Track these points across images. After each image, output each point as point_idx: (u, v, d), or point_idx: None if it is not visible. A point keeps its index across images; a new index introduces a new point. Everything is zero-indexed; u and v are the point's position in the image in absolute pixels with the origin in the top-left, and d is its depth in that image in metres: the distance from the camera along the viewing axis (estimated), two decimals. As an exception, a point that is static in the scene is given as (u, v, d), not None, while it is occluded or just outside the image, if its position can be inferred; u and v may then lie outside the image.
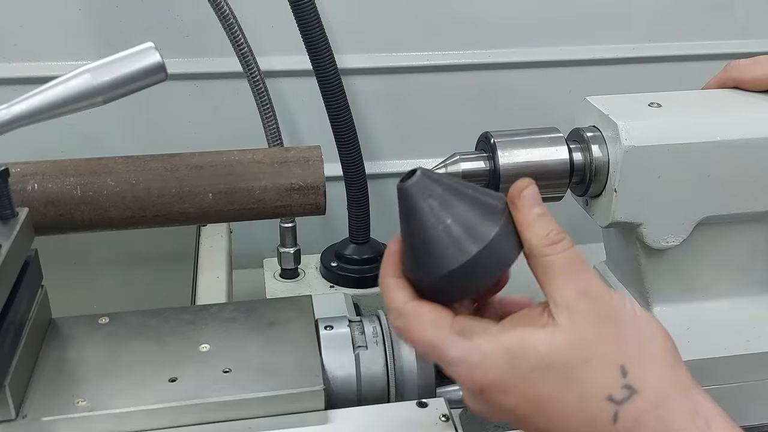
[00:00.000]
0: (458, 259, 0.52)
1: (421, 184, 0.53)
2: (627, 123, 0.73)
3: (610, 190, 0.75)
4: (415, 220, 0.54)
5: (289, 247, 1.18)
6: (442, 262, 0.52)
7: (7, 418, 0.58)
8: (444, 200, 0.53)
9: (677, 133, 0.74)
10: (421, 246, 0.54)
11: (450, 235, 0.53)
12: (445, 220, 0.53)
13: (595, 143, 0.76)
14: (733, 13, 1.33)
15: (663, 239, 0.77)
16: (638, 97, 0.79)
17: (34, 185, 0.69)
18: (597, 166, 0.75)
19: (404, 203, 0.54)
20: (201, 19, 1.12)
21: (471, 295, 0.57)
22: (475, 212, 0.53)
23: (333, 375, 0.67)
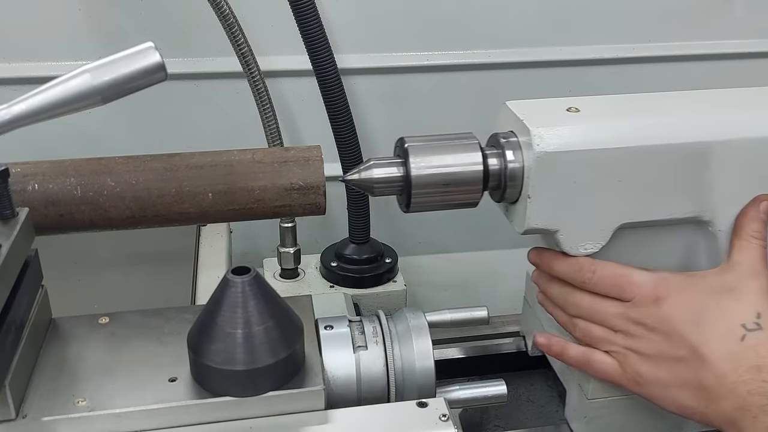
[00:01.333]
0: (242, 365, 0.60)
1: (245, 287, 0.60)
2: (540, 129, 0.71)
3: (524, 196, 0.73)
4: (228, 312, 0.60)
5: (289, 247, 1.18)
6: (231, 359, 0.60)
7: (7, 418, 0.58)
8: (258, 309, 0.61)
9: (592, 138, 0.72)
10: (218, 335, 0.60)
11: (248, 341, 0.60)
12: (251, 327, 0.60)
13: (510, 149, 0.74)
14: (732, 13, 1.33)
15: (581, 246, 0.76)
16: (558, 101, 0.77)
17: (34, 185, 0.69)
18: (511, 172, 0.74)
19: (225, 294, 0.60)
20: (201, 19, 1.12)
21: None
22: (275, 331, 0.61)
23: (333, 375, 0.67)
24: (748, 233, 0.74)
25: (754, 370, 0.67)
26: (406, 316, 0.73)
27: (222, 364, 0.59)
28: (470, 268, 1.43)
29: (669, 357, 0.72)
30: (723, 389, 0.68)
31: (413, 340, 0.70)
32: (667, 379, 0.72)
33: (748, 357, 0.68)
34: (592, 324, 0.77)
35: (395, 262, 1.22)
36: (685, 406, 0.72)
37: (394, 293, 1.19)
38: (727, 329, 0.70)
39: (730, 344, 0.69)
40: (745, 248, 0.74)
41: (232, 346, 0.59)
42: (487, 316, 0.79)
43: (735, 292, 0.72)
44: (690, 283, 0.74)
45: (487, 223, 1.43)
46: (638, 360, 0.74)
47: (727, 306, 0.71)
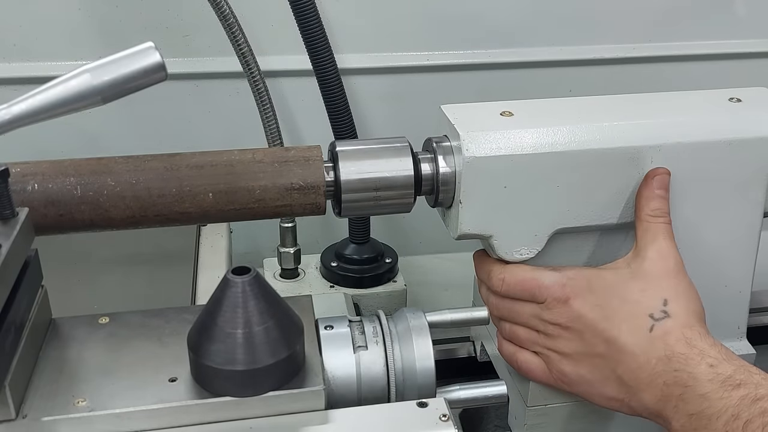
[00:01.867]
0: (241, 365, 0.59)
1: (246, 287, 0.60)
2: (469, 133, 0.71)
3: (456, 201, 0.73)
4: (229, 312, 0.60)
5: (289, 247, 1.18)
6: (231, 359, 0.59)
7: (7, 418, 0.58)
8: (258, 309, 0.60)
9: (522, 143, 0.72)
10: (219, 335, 0.60)
11: (248, 341, 0.60)
12: (251, 327, 0.60)
13: (442, 153, 0.74)
14: (733, 13, 1.33)
15: (516, 251, 0.76)
16: (493, 105, 0.77)
17: (34, 185, 0.69)
18: (443, 177, 0.74)
19: (225, 294, 0.60)
20: (201, 19, 1.12)
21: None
22: (276, 330, 0.61)
23: (333, 375, 0.67)
24: (647, 213, 0.73)
25: (664, 361, 0.67)
26: (407, 316, 0.72)
27: (222, 365, 0.59)
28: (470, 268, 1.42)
29: (587, 354, 0.72)
30: (641, 382, 0.68)
31: (413, 340, 0.70)
32: (589, 376, 0.73)
33: (658, 348, 0.68)
34: (516, 325, 0.78)
35: (395, 262, 1.22)
36: (612, 399, 0.72)
37: (394, 293, 1.19)
38: (635, 322, 0.70)
39: (640, 336, 0.69)
40: (647, 230, 0.73)
41: (232, 346, 0.59)
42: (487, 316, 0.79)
43: (641, 281, 0.72)
44: (597, 278, 0.73)
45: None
46: (560, 359, 0.74)
47: (633, 297, 0.71)
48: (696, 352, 0.66)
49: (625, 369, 0.69)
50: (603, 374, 0.71)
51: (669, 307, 0.70)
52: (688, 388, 0.65)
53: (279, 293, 0.63)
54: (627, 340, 0.69)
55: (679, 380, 0.65)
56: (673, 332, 0.68)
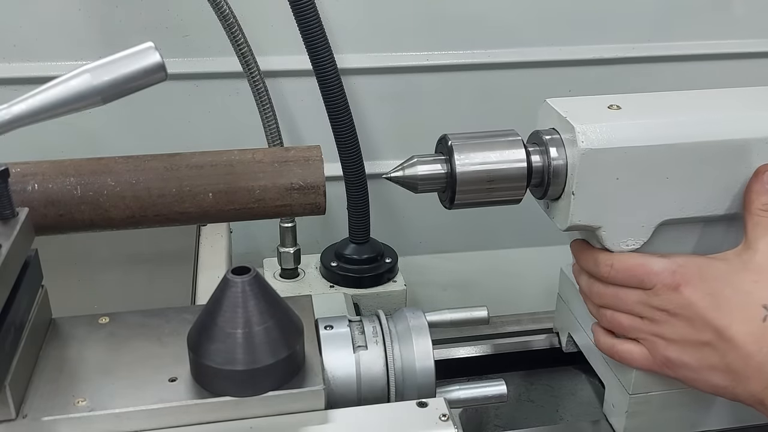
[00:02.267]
0: (241, 365, 0.60)
1: (245, 287, 0.60)
2: (584, 126, 0.72)
3: (568, 193, 0.74)
4: (228, 312, 0.60)
5: (289, 247, 1.18)
6: (231, 359, 0.60)
7: (7, 418, 0.58)
8: (258, 309, 0.61)
9: (634, 135, 0.73)
10: (219, 335, 0.60)
11: (248, 340, 0.60)
12: (251, 327, 0.60)
13: (554, 146, 0.75)
14: (732, 13, 1.33)
15: (623, 242, 0.76)
16: (599, 99, 0.78)
17: (34, 185, 0.69)
18: (555, 169, 0.74)
19: (225, 295, 0.60)
20: (201, 18, 1.12)
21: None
22: (276, 330, 0.61)
23: (333, 375, 0.67)
24: (758, 208, 0.74)
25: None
26: (406, 316, 0.73)
27: (222, 364, 0.59)
28: (470, 268, 1.43)
29: (694, 341, 0.73)
30: (750, 370, 0.69)
31: (413, 340, 0.70)
32: (695, 363, 0.73)
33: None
34: (618, 313, 0.78)
35: (395, 262, 1.22)
36: (716, 386, 0.73)
37: (394, 293, 1.19)
38: (748, 311, 0.70)
39: (753, 325, 0.70)
40: (758, 224, 0.73)
41: (232, 346, 0.59)
42: (487, 316, 0.79)
43: (753, 273, 0.72)
44: (708, 267, 0.74)
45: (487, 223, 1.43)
46: (665, 345, 0.75)
47: (745, 288, 0.71)
48: None
49: (734, 357, 0.70)
50: (710, 362, 0.72)
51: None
52: None
53: (279, 293, 0.63)
54: (739, 329, 0.70)
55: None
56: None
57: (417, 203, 1.38)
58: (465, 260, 1.44)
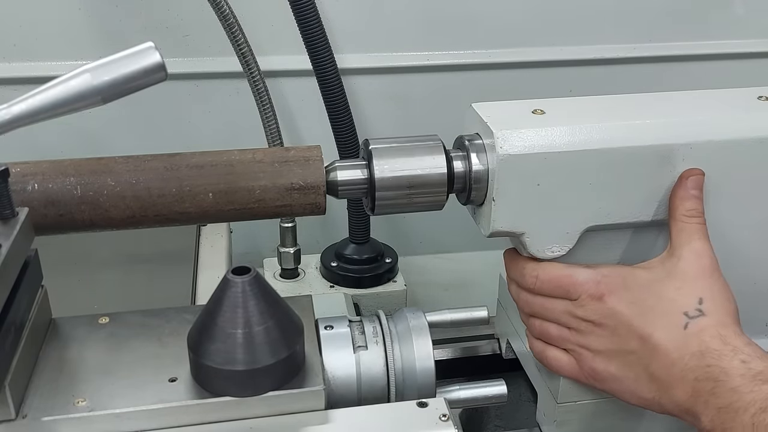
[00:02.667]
0: (242, 365, 0.60)
1: (245, 287, 0.60)
2: (503, 131, 0.71)
3: (489, 199, 0.73)
4: (228, 312, 0.60)
5: (289, 247, 1.18)
6: (231, 358, 0.60)
7: (7, 418, 0.58)
8: (258, 309, 0.60)
9: (556, 141, 0.72)
10: (219, 335, 0.60)
11: (248, 341, 0.60)
12: (252, 327, 0.60)
13: (475, 151, 0.74)
14: (733, 13, 1.33)
15: (548, 248, 0.75)
16: (524, 103, 0.77)
17: (34, 185, 0.69)
18: (476, 174, 0.74)
19: (225, 295, 0.60)
20: (201, 18, 1.12)
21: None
22: (276, 331, 0.61)
23: (333, 375, 0.67)
24: (682, 213, 0.73)
25: (697, 356, 0.67)
26: (406, 316, 0.72)
27: (222, 364, 0.59)
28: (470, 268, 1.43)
29: (619, 351, 0.72)
30: (673, 378, 0.69)
31: (413, 340, 0.70)
32: (620, 373, 0.73)
33: (692, 344, 0.68)
34: (546, 322, 0.78)
35: (395, 262, 1.22)
36: (643, 398, 0.72)
37: (394, 293, 1.20)
38: (670, 319, 0.70)
39: (674, 333, 0.69)
40: (682, 230, 0.73)
41: (232, 346, 0.59)
42: (487, 316, 0.79)
43: (676, 280, 0.72)
44: (632, 276, 0.74)
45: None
46: (592, 357, 0.74)
47: (668, 296, 0.71)
48: (729, 348, 0.67)
49: (658, 366, 0.70)
50: (635, 371, 0.72)
51: (704, 305, 0.70)
52: (719, 382, 0.65)
53: (279, 293, 0.63)
54: (661, 336, 0.70)
55: (710, 375, 0.66)
56: (707, 330, 0.68)
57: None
58: (465, 260, 1.44)
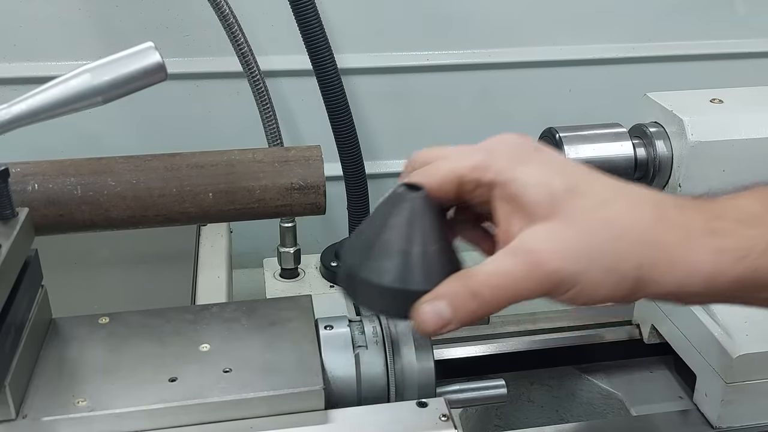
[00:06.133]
0: (417, 285, 0.56)
1: (421, 203, 0.56)
2: (692, 118, 0.74)
3: (673, 184, 0.75)
4: (405, 230, 0.56)
5: (289, 247, 1.18)
6: (404, 278, 0.56)
7: (7, 418, 0.58)
8: (435, 226, 0.57)
9: (741, 128, 0.75)
10: (389, 253, 0.56)
11: (426, 259, 0.56)
12: (430, 244, 0.56)
13: (659, 139, 0.76)
14: (733, 12, 1.33)
15: None
16: (698, 93, 0.80)
17: (34, 185, 0.69)
18: (661, 161, 0.76)
19: (397, 210, 0.56)
20: (201, 18, 1.12)
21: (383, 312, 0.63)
22: (450, 249, 0.58)
23: (333, 375, 0.67)
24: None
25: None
26: (407, 316, 0.72)
27: (393, 282, 0.56)
28: (470, 268, 1.43)
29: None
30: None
31: (413, 340, 0.70)
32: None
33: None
34: None
35: (395, 262, 1.22)
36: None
37: (394, 293, 1.19)
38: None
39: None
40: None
41: (406, 264, 0.56)
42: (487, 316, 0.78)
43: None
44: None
45: (487, 223, 1.43)
46: None
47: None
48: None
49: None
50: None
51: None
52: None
53: (279, 293, 0.63)
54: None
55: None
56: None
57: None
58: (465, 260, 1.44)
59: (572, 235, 0.53)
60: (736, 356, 0.80)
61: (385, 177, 1.32)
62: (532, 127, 0.81)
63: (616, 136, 0.77)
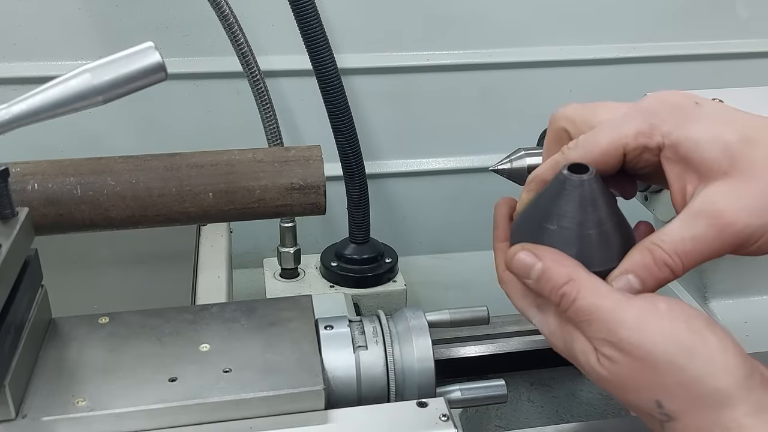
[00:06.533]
0: (600, 264, 0.55)
1: (593, 185, 0.55)
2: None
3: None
4: (577, 213, 0.55)
5: (289, 247, 1.18)
6: (588, 259, 0.55)
7: (7, 418, 0.58)
8: (607, 205, 0.56)
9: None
10: (570, 237, 0.56)
11: (603, 238, 0.56)
12: (605, 224, 0.56)
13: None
14: (734, 12, 1.33)
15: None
16: (699, 93, 0.80)
17: (34, 185, 0.69)
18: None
19: (569, 195, 0.56)
20: (201, 18, 1.12)
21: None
22: (623, 224, 0.57)
23: (333, 375, 0.67)
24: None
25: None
26: (406, 315, 0.72)
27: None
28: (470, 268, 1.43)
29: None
30: None
31: (413, 340, 0.70)
32: None
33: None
34: None
35: (395, 262, 1.22)
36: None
37: (394, 293, 1.19)
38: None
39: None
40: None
41: (587, 246, 0.56)
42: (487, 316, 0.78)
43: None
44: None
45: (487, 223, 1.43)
46: None
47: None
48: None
49: None
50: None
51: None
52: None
53: (279, 293, 0.63)
54: None
55: None
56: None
57: (417, 203, 1.39)
58: (465, 260, 1.44)
59: (755, 188, 0.52)
60: None
61: (385, 177, 1.32)
62: (532, 127, 0.81)
63: None
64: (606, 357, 0.52)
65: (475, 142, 1.33)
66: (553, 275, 0.55)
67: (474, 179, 1.36)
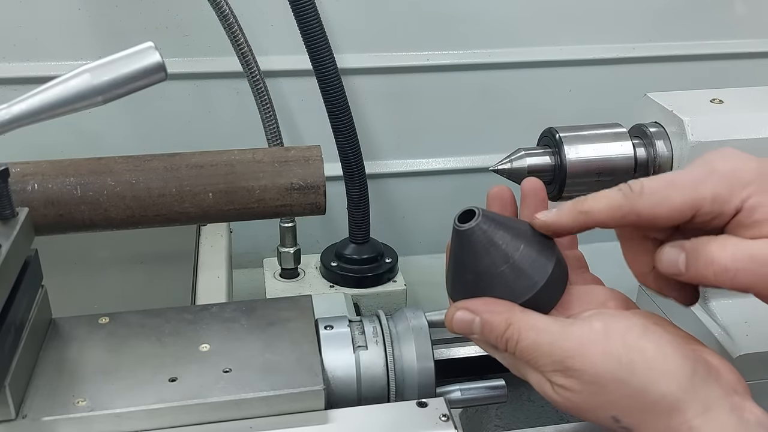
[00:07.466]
0: (526, 293, 0.58)
1: (482, 227, 0.58)
2: (693, 119, 0.74)
3: None
4: (482, 258, 0.58)
5: (289, 247, 1.18)
6: (513, 293, 0.58)
7: (7, 418, 0.58)
8: (505, 239, 0.58)
9: (742, 128, 0.74)
10: (488, 281, 0.59)
11: (517, 270, 0.58)
12: (512, 256, 0.58)
13: (659, 139, 0.76)
14: (733, 12, 1.33)
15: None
16: (698, 93, 0.80)
17: (34, 185, 0.69)
18: (661, 161, 0.76)
19: (466, 245, 0.59)
20: (201, 18, 1.12)
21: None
22: (532, 248, 0.59)
23: (333, 375, 0.67)
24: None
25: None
26: (407, 315, 0.72)
27: (516, 299, 0.59)
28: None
29: None
30: None
31: (413, 340, 0.70)
32: None
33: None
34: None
35: (395, 262, 1.22)
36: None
37: (394, 293, 1.19)
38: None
39: None
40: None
41: (506, 282, 0.58)
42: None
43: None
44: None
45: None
46: None
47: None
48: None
49: None
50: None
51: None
52: None
53: (279, 293, 0.63)
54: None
55: None
56: None
57: (417, 203, 1.39)
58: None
59: None
60: (736, 356, 0.80)
61: (385, 177, 1.32)
62: (532, 127, 0.81)
63: (616, 136, 0.77)
64: (559, 386, 0.55)
65: (475, 142, 1.33)
66: (494, 326, 0.58)
67: (474, 179, 1.36)
